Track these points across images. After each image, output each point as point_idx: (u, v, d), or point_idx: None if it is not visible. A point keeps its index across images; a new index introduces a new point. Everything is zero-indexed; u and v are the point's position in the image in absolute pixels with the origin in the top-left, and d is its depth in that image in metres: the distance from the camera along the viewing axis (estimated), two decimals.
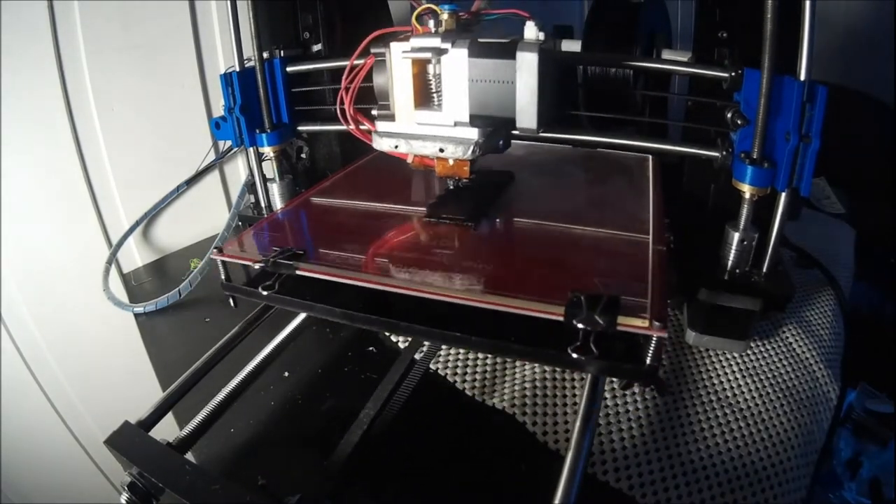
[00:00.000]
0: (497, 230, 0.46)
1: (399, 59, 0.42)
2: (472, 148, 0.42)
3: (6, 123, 0.65)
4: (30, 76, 0.65)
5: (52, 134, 0.69)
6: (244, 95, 0.56)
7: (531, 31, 0.40)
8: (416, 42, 0.41)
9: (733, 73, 0.41)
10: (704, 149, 0.45)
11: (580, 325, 0.31)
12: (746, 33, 0.44)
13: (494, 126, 0.43)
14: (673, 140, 0.48)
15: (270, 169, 0.61)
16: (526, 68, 0.39)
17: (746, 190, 0.41)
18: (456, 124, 0.42)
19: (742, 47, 0.45)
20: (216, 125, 0.57)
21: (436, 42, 0.41)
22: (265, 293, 0.39)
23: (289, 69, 0.58)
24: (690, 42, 0.53)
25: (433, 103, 0.44)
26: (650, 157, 0.57)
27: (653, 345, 0.32)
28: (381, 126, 0.45)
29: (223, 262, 0.43)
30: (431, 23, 0.42)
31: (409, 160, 0.46)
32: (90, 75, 0.69)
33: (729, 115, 0.42)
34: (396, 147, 0.44)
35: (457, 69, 0.41)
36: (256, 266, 0.40)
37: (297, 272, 0.39)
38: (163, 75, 0.75)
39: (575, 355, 0.32)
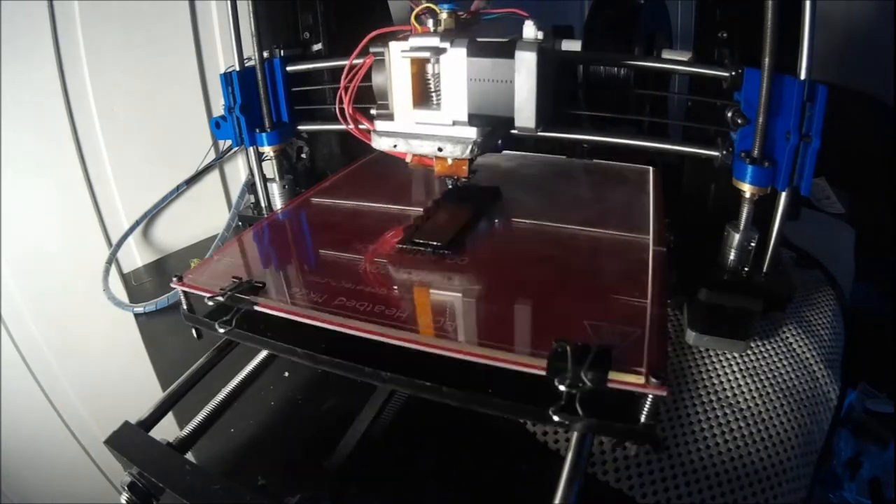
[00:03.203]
0: (476, 259, 0.41)
1: (398, 59, 0.42)
2: (470, 147, 0.42)
3: (6, 123, 0.65)
4: (30, 76, 0.65)
5: (53, 133, 0.68)
6: (244, 95, 0.56)
7: (530, 31, 0.40)
8: (414, 41, 0.41)
9: (733, 73, 0.41)
10: (704, 148, 0.45)
11: (563, 388, 0.27)
12: (746, 33, 0.44)
13: (493, 125, 0.43)
14: (673, 140, 0.48)
15: (270, 169, 0.61)
16: (524, 67, 0.39)
17: (747, 189, 0.41)
18: (454, 123, 0.42)
19: (742, 47, 0.45)
20: (216, 125, 0.57)
21: (434, 41, 0.41)
22: (221, 330, 0.36)
23: (289, 69, 0.58)
24: (690, 42, 0.53)
25: (432, 102, 0.44)
26: (650, 169, 0.55)
27: (649, 401, 0.27)
28: (380, 125, 0.45)
29: (184, 292, 0.39)
30: (430, 22, 0.42)
31: (408, 159, 0.46)
32: (90, 75, 0.69)
33: (729, 115, 0.42)
34: (395, 146, 0.44)
35: (455, 68, 0.41)
36: (209, 301, 0.37)
37: (256, 308, 0.36)
38: (163, 75, 0.75)
39: (556, 418, 0.27)
